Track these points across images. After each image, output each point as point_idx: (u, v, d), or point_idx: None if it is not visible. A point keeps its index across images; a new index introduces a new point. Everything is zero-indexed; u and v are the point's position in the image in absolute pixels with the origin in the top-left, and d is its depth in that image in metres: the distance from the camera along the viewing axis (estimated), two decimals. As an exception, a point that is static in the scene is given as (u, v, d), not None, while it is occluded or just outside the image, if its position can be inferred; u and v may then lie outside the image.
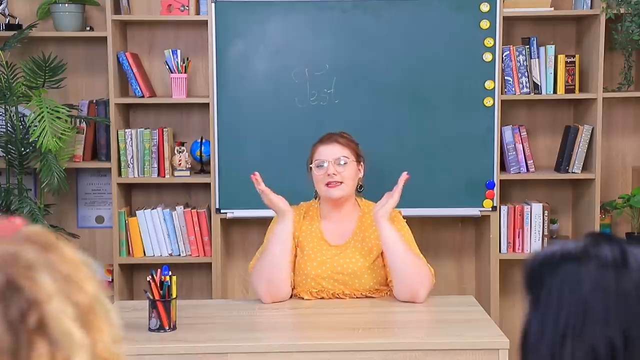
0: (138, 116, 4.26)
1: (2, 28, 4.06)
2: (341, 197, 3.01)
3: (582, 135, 4.04)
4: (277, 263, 2.92)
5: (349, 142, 3.08)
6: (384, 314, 2.84)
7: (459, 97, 3.92)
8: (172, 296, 2.60)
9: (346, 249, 3.00)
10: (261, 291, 2.93)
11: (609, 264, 1.13)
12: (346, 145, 3.05)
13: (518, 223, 4.08)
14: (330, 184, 2.98)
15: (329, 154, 3.01)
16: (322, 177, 2.99)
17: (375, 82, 3.90)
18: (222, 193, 3.96)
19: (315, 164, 3.02)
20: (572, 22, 4.24)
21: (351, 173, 3.02)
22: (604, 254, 1.14)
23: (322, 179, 2.99)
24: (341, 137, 3.08)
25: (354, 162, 3.05)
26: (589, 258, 1.14)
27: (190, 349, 2.49)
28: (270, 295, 2.92)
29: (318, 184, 3.03)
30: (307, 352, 2.51)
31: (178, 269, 3.98)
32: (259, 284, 2.93)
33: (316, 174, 3.01)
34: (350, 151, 3.05)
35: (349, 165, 3.01)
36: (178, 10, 4.02)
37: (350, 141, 3.10)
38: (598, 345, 1.09)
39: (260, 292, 2.93)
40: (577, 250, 1.16)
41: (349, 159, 3.02)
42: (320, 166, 3.00)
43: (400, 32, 3.89)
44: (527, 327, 1.16)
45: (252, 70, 3.91)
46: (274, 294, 2.92)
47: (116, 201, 4.03)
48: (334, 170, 2.98)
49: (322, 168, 2.99)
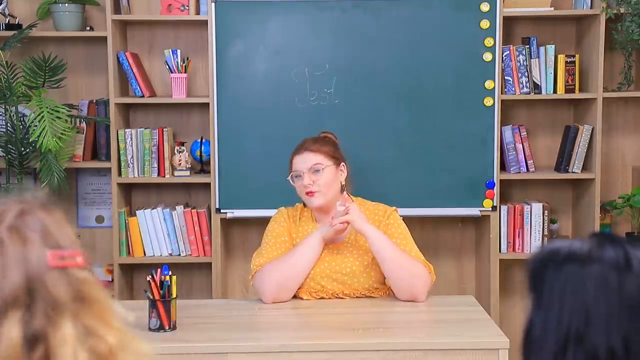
0: (138, 116, 4.26)
1: (2, 28, 4.06)
2: (321, 205, 3.00)
3: (582, 135, 4.04)
4: (298, 272, 2.91)
5: (322, 147, 3.04)
6: (384, 314, 2.84)
7: (459, 97, 3.92)
8: (172, 296, 2.60)
9: (343, 249, 3.00)
10: (268, 291, 2.89)
11: (612, 267, 1.12)
12: (318, 151, 3.02)
13: (518, 223, 4.08)
14: (308, 194, 2.99)
15: (302, 164, 3.01)
16: (301, 188, 3.01)
17: (375, 82, 3.90)
18: (222, 193, 3.96)
19: (292, 175, 3.04)
20: (572, 22, 4.24)
21: (328, 179, 2.99)
22: (608, 257, 1.13)
23: (301, 189, 3.01)
24: (314, 144, 3.06)
25: (331, 167, 3.01)
26: (593, 260, 1.14)
27: (190, 349, 2.49)
28: (275, 298, 2.90)
29: (300, 194, 3.04)
30: (307, 352, 2.50)
31: (178, 269, 3.98)
32: (267, 285, 2.89)
33: (296, 185, 3.03)
34: (324, 156, 3.01)
35: (325, 172, 2.99)
36: (178, 10, 4.02)
37: (323, 145, 3.06)
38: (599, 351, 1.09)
39: (265, 292, 2.90)
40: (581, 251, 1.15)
41: (322, 165, 2.99)
42: (297, 177, 3.02)
43: (400, 32, 3.89)
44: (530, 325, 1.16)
45: (252, 70, 3.91)
46: (280, 297, 2.91)
47: (116, 201, 4.03)
48: (309, 180, 2.97)
49: (300, 179, 3.00)
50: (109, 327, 1.01)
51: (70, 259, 1.00)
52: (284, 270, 2.90)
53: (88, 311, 0.99)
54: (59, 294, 0.97)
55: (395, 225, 2.99)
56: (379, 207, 3.08)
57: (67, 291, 0.98)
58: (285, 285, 2.90)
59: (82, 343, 0.97)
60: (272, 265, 2.91)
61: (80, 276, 1.01)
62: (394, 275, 2.88)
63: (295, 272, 2.91)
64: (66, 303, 0.97)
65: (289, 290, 2.92)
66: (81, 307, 0.99)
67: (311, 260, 2.92)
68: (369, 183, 3.91)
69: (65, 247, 1.02)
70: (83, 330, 0.98)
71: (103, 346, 0.99)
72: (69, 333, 0.96)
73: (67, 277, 0.99)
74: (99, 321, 1.00)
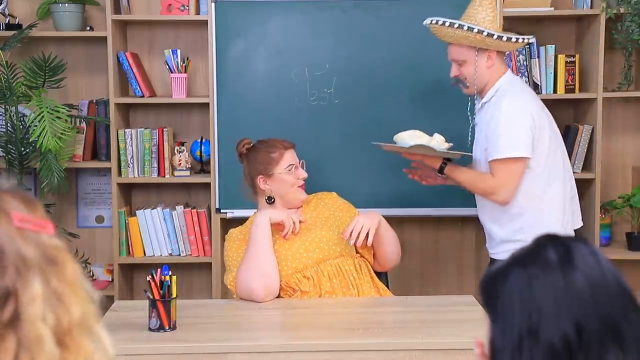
0: (138, 116, 4.26)
1: (2, 28, 4.06)
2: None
3: (582, 135, 4.04)
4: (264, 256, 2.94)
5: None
6: (383, 314, 2.84)
7: (459, 97, 3.91)
8: (172, 296, 2.60)
9: (310, 226, 3.08)
10: (255, 288, 2.88)
11: (554, 265, 1.15)
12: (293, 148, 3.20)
13: (518, 223, 4.08)
14: (302, 186, 3.13)
15: (294, 158, 3.15)
16: (295, 180, 3.12)
17: (375, 82, 3.90)
18: (222, 193, 3.96)
19: (288, 169, 3.11)
20: (572, 22, 4.24)
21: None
22: (549, 256, 1.16)
23: (296, 181, 3.12)
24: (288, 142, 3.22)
25: None
26: (535, 261, 1.17)
27: (190, 349, 2.49)
28: (266, 290, 2.89)
29: (291, 187, 3.12)
30: (307, 352, 2.50)
31: (178, 268, 3.99)
32: (250, 284, 2.89)
33: (287, 178, 3.11)
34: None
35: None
36: (178, 10, 4.02)
37: None
38: (554, 342, 1.12)
39: (253, 290, 2.88)
40: (522, 255, 1.19)
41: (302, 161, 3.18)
42: (295, 168, 3.13)
43: (400, 32, 3.89)
44: (491, 342, 1.18)
45: (252, 70, 3.91)
46: (269, 286, 2.90)
47: (116, 201, 4.03)
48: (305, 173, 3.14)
49: (297, 170, 3.13)
50: (76, 296, 1.03)
51: (37, 225, 1.02)
52: (253, 262, 2.91)
53: (57, 274, 1.01)
54: (28, 251, 0.99)
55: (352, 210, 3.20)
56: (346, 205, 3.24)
57: (36, 251, 1.00)
58: (265, 273, 2.90)
59: (50, 306, 0.99)
60: (241, 268, 2.93)
61: (49, 241, 1.03)
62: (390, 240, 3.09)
63: (263, 257, 2.92)
64: (35, 262, 0.99)
65: (272, 277, 2.91)
66: (50, 270, 1.00)
67: (268, 239, 2.96)
68: (369, 183, 3.91)
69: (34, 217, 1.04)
70: (52, 294, 1.00)
71: (67, 318, 1.00)
72: (38, 293, 0.98)
73: (36, 239, 1.01)
74: (67, 287, 1.01)
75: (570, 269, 1.15)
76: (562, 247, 1.18)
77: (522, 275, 1.16)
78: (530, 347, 1.13)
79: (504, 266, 1.20)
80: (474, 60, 3.20)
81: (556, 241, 1.19)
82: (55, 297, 1.00)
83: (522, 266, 1.17)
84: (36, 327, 0.97)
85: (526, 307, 1.14)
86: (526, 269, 1.17)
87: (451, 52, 3.25)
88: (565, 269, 1.15)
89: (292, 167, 3.12)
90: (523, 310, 1.14)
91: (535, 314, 1.13)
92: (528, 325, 1.13)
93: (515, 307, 1.15)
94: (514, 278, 1.17)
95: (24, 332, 0.96)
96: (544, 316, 1.13)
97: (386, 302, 2.92)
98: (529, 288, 1.15)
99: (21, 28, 4.03)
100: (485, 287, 1.22)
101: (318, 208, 3.18)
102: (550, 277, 1.15)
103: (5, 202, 1.02)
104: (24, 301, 0.97)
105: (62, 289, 1.01)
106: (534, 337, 1.13)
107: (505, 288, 1.17)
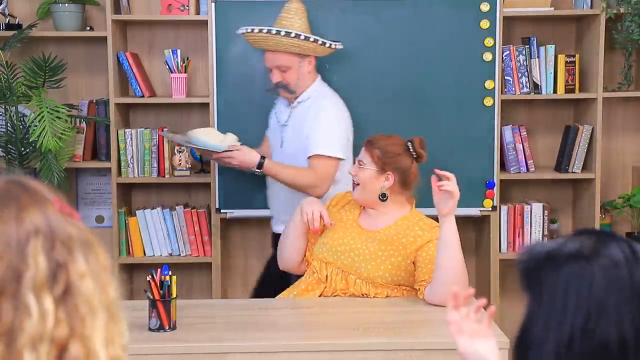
0: (138, 116, 4.26)
1: (2, 28, 4.06)
2: (357, 199, 3.02)
3: (582, 135, 4.04)
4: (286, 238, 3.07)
5: (373, 149, 3.00)
6: (384, 314, 2.84)
7: (459, 97, 3.92)
8: (172, 296, 2.59)
9: (373, 236, 2.95)
10: (278, 256, 3.13)
11: (621, 262, 1.13)
12: (368, 150, 3.01)
13: (518, 223, 4.09)
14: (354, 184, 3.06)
15: (359, 156, 3.05)
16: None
17: (375, 82, 3.90)
18: (222, 193, 3.96)
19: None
20: (572, 21, 4.24)
21: (363, 178, 2.98)
22: (615, 252, 1.14)
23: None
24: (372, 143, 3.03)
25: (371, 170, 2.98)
26: (599, 257, 1.14)
27: (190, 349, 2.49)
28: (281, 262, 3.11)
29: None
30: (307, 352, 2.50)
31: (178, 268, 3.99)
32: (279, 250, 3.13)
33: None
34: (370, 158, 2.99)
35: (364, 171, 2.99)
36: (178, 10, 4.02)
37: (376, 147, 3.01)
38: (610, 340, 1.09)
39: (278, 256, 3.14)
40: (584, 249, 1.15)
41: (363, 164, 2.99)
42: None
43: (400, 32, 3.89)
44: (529, 324, 1.16)
45: (252, 70, 3.91)
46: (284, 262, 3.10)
47: (116, 201, 4.03)
48: (354, 170, 3.03)
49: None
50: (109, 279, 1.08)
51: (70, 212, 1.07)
52: (281, 240, 3.12)
53: (94, 258, 1.05)
54: (71, 231, 1.03)
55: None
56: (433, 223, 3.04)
57: (76, 232, 1.04)
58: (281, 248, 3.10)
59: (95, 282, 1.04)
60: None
61: (82, 226, 1.07)
62: (448, 273, 2.80)
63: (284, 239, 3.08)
64: (77, 241, 1.03)
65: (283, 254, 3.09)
66: (88, 252, 1.04)
67: (296, 224, 3.01)
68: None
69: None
70: (93, 272, 1.04)
71: (105, 297, 1.05)
72: (84, 269, 1.02)
73: (72, 223, 1.05)
74: (102, 269, 1.06)
75: (635, 267, 1.13)
76: (626, 244, 1.15)
77: (583, 270, 1.13)
78: (581, 345, 1.10)
79: (554, 254, 1.16)
80: (298, 66, 3.37)
81: (617, 238, 1.16)
82: (95, 275, 1.04)
83: (584, 261, 1.13)
84: (89, 300, 1.01)
85: (584, 305, 1.11)
86: (589, 265, 1.13)
87: (274, 60, 3.38)
88: (631, 267, 1.13)
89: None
90: (580, 308, 1.11)
91: (595, 313, 1.10)
92: (583, 323, 1.10)
93: (570, 303, 1.12)
94: (572, 273, 1.14)
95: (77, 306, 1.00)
96: (604, 315, 1.10)
97: (386, 302, 2.92)
98: (590, 286, 1.12)
99: (21, 28, 4.03)
100: (528, 270, 1.18)
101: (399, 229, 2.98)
102: (616, 275, 1.12)
103: (44, 190, 1.07)
104: (74, 277, 1.01)
105: (99, 271, 1.05)
106: (587, 335, 1.10)
107: (558, 279, 1.14)
